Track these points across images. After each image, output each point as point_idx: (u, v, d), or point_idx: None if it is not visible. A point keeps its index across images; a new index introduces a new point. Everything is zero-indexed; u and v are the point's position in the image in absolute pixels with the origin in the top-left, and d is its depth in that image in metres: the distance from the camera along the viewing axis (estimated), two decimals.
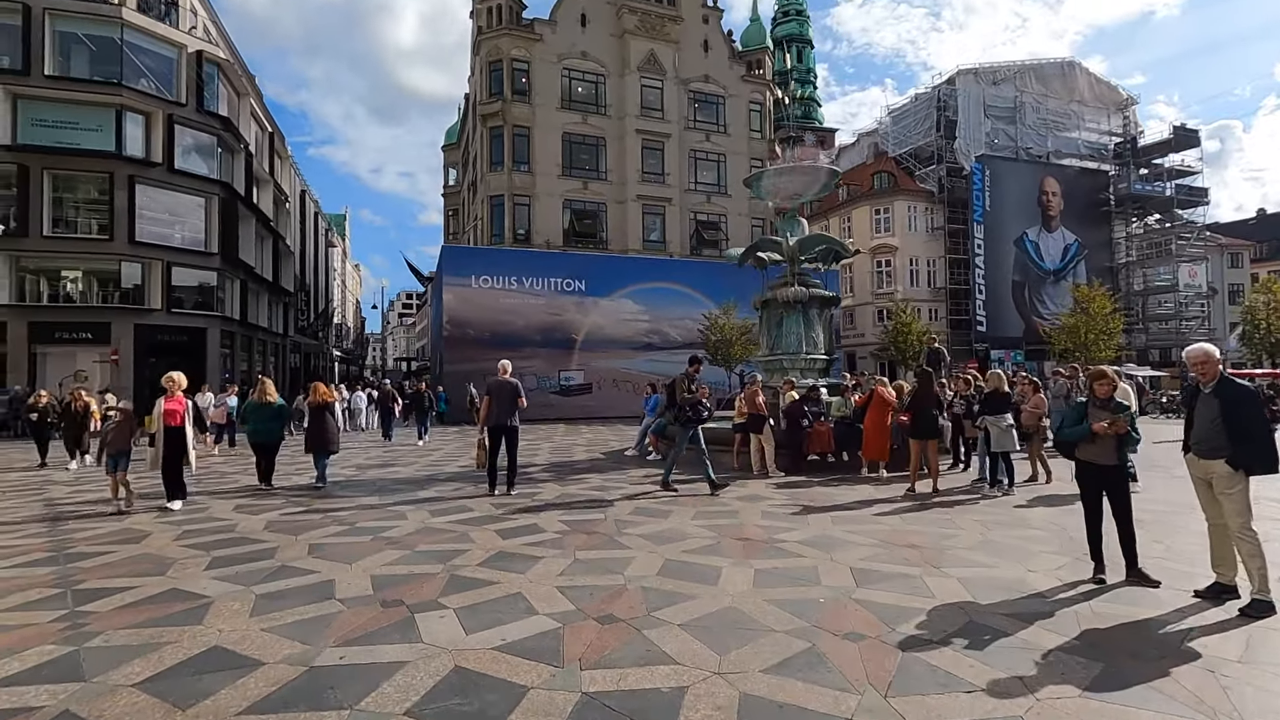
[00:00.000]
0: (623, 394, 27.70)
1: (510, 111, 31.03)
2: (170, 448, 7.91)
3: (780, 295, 13.58)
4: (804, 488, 9.31)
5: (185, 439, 8.02)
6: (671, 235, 33.72)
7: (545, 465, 12.19)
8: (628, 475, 10.71)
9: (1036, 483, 9.36)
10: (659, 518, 7.27)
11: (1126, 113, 47.78)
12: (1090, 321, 25.17)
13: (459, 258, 27.45)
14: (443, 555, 5.68)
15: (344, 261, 74.71)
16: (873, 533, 6.48)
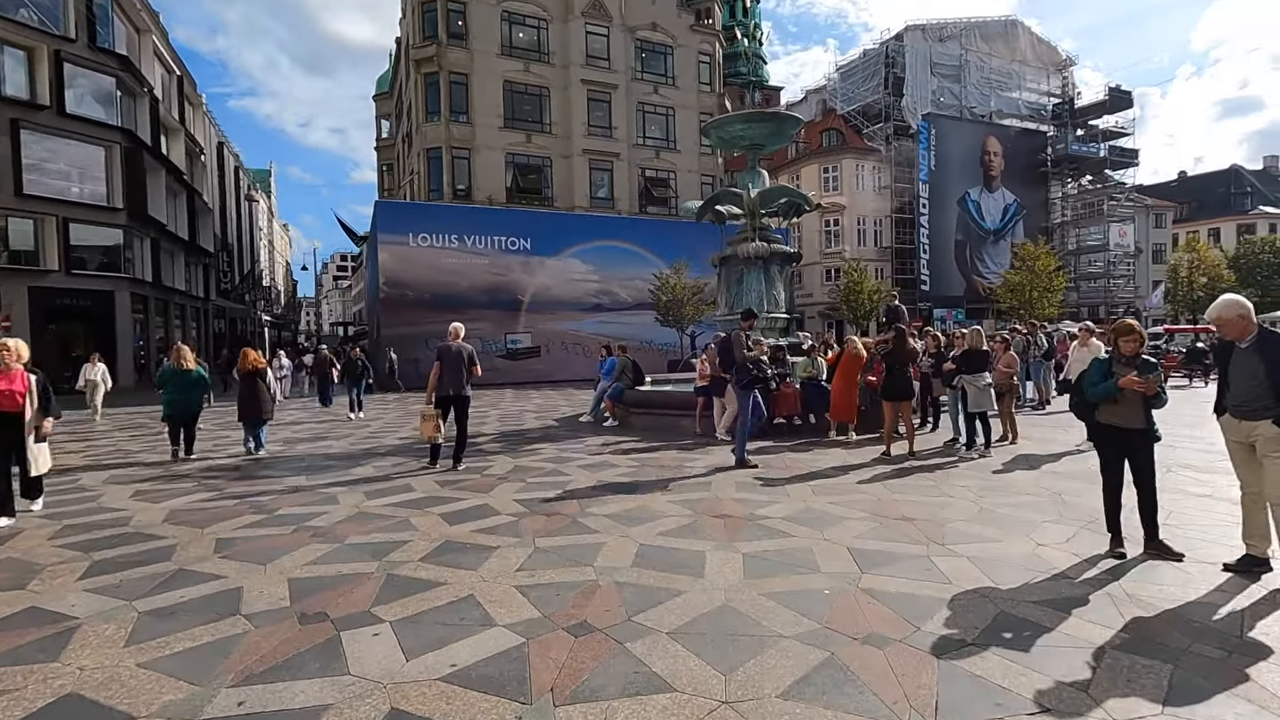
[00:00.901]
0: (572, 357, 26.87)
1: (446, 57, 29.00)
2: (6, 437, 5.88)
3: (740, 250, 12.91)
4: (774, 453, 8.77)
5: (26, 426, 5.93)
6: (620, 192, 32.56)
7: (495, 435, 11.34)
8: (585, 444, 9.98)
9: (1005, 442, 9.08)
10: (625, 493, 6.58)
11: (1065, 74, 48.52)
12: (1034, 279, 25.52)
13: (394, 214, 25.75)
14: (379, 549, 4.84)
15: (270, 221, 70.30)
16: (860, 504, 5.95)
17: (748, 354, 7.81)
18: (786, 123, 12.92)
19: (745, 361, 7.76)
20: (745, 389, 7.84)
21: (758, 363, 7.85)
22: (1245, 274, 40.11)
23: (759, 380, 7.81)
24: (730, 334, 8.00)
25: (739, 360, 7.77)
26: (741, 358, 7.78)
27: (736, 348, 7.83)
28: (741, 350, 7.80)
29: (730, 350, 7.92)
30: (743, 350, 7.80)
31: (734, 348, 7.86)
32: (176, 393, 9.51)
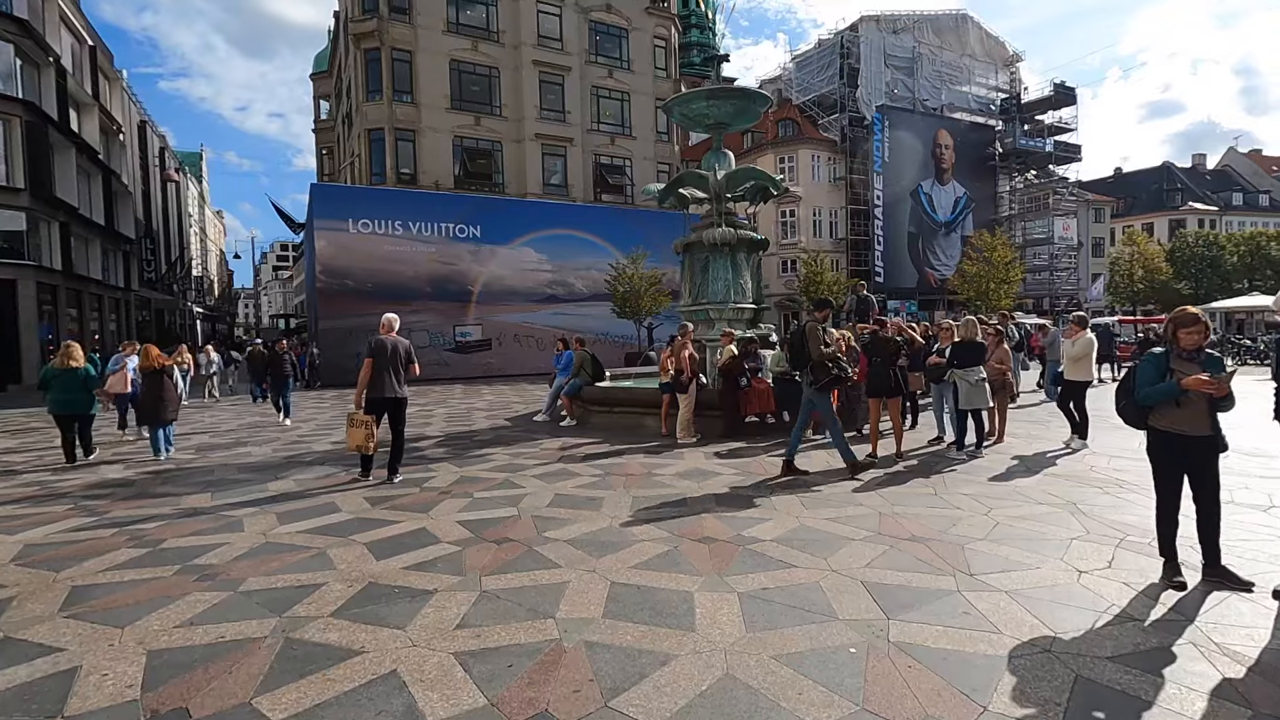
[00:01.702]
0: (526, 350, 25.76)
1: (388, 32, 27.32)
2: None
3: (706, 237, 12.08)
4: (749, 456, 8.00)
5: None
6: (574, 179, 31.43)
7: (440, 437, 10.27)
8: (540, 447, 9.03)
9: (990, 441, 8.50)
10: (588, 509, 5.69)
11: (1012, 69, 49.32)
12: (991, 270, 25.57)
13: (333, 199, 24.10)
14: (280, 599, 3.83)
15: (202, 207, 66.46)
16: (859, 520, 5.20)
17: (825, 350, 6.73)
18: (754, 100, 12.14)
19: (824, 359, 6.68)
20: (824, 390, 6.84)
21: (836, 360, 6.77)
22: (1180, 267, 41.43)
23: (841, 380, 6.79)
24: (804, 326, 6.90)
25: (816, 357, 6.63)
26: (819, 354, 6.65)
27: (813, 342, 6.65)
28: (819, 345, 6.68)
29: (803, 345, 6.75)
30: (820, 345, 6.72)
31: (809, 343, 6.67)
32: (62, 393, 8.41)
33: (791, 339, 6.99)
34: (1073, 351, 8.24)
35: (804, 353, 6.74)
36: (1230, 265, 41.71)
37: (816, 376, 6.68)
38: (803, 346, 6.75)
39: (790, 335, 7.07)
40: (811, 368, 6.68)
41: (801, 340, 6.77)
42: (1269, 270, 42.16)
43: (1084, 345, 8.29)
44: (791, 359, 7.07)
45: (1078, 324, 8.62)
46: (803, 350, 6.75)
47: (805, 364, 6.74)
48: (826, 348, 6.68)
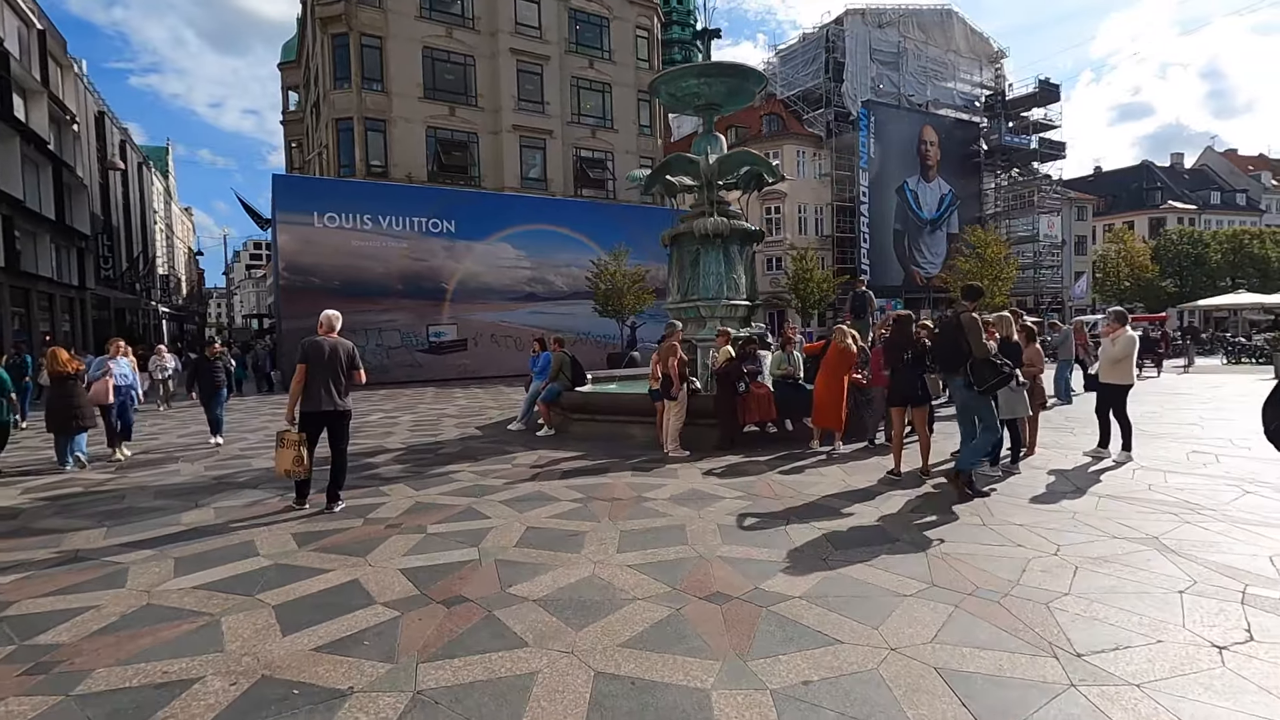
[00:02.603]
0: (503, 350, 24.59)
1: (357, 16, 25.96)
2: None
3: (697, 227, 11.05)
4: (751, 473, 6.97)
5: None
6: (554, 172, 30.26)
7: (400, 450, 9.12)
8: (512, 462, 7.93)
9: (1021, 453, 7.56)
10: (565, 547, 4.62)
11: (997, 66, 48.92)
12: (986, 267, 24.86)
13: (297, 191, 22.69)
14: (123, 713, 2.71)
15: (168, 203, 64.17)
16: (903, 564, 4.18)
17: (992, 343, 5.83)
18: (749, 78, 11.11)
19: (988, 356, 5.78)
20: (987, 393, 5.86)
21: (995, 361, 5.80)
22: (1165, 265, 41.25)
23: (1008, 380, 5.80)
24: (957, 317, 5.91)
25: (980, 354, 5.71)
26: (983, 350, 5.75)
27: (974, 337, 5.70)
28: (981, 340, 5.77)
29: (956, 341, 5.77)
30: (983, 341, 5.79)
31: (969, 337, 5.71)
32: None
33: (941, 334, 5.96)
34: (1113, 351, 7.31)
35: (959, 350, 5.74)
36: (1214, 263, 41.60)
37: (981, 376, 5.68)
38: (956, 342, 5.72)
39: (937, 329, 6.02)
40: (972, 367, 5.68)
41: (956, 334, 5.73)
42: (1251, 268, 42.15)
43: (1126, 344, 7.37)
44: (941, 357, 6.02)
45: (1117, 320, 7.69)
46: (957, 347, 5.74)
47: (960, 363, 5.75)
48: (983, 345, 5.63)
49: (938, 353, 6.01)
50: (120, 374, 9.05)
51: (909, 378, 6.41)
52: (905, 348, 6.39)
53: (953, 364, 5.82)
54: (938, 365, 6.02)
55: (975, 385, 5.69)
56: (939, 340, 5.93)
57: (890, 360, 6.49)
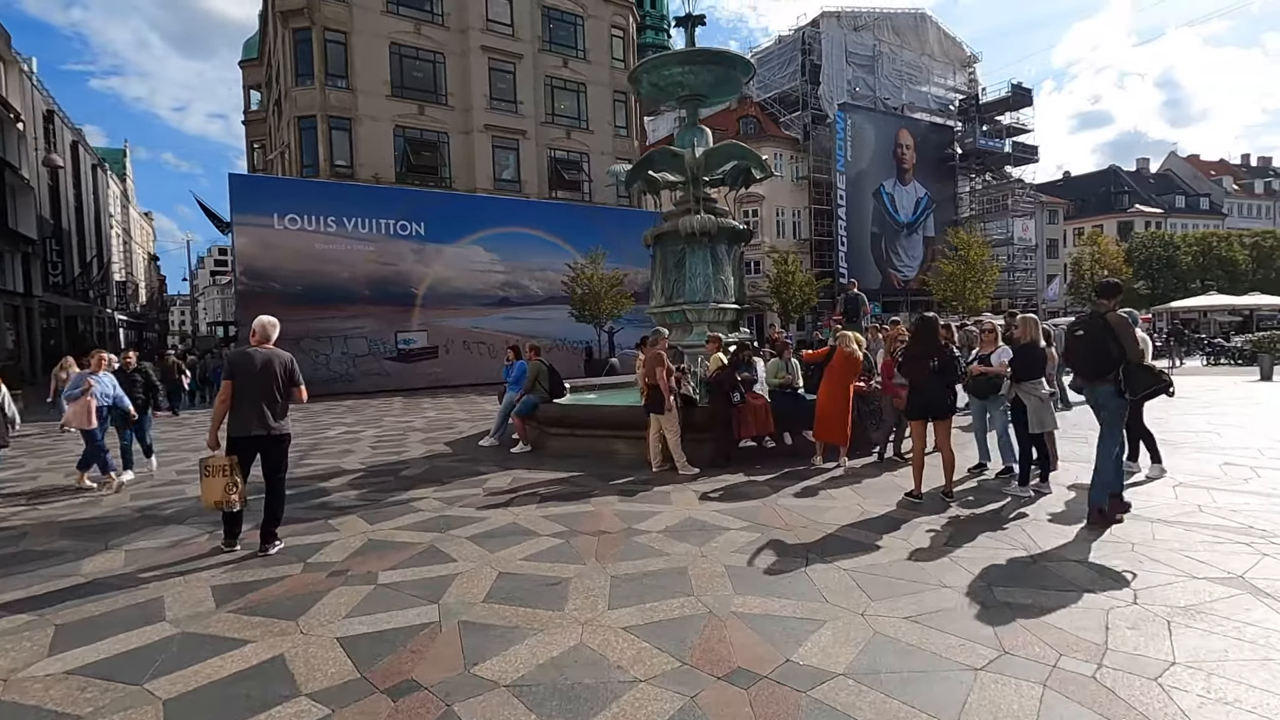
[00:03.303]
0: (476, 358, 23.60)
1: (320, 10, 24.85)
2: None
3: (683, 225, 10.29)
4: (755, 497, 6.20)
5: None
6: (527, 174, 29.36)
7: (358, 472, 8.19)
8: (484, 486, 7.07)
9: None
10: (545, 602, 3.81)
11: (970, 70, 49.19)
12: (969, 270, 24.53)
13: (255, 191, 21.50)
14: None
15: (126, 207, 61.84)
16: (959, 622, 3.44)
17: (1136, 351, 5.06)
18: (736, 66, 10.41)
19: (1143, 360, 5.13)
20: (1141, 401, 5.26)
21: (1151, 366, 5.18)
22: (1138, 267, 41.61)
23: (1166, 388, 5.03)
24: (1102, 317, 5.14)
25: (1134, 358, 4.99)
26: (1137, 353, 5.09)
27: (1126, 337, 4.97)
28: (1136, 342, 5.11)
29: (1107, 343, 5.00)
30: (1137, 343, 5.13)
31: (1121, 338, 4.96)
32: None
33: (1086, 334, 5.19)
34: None
35: (1106, 354, 4.99)
36: (1185, 265, 42.08)
37: (1137, 383, 4.95)
38: (1103, 345, 4.99)
39: (1079, 329, 5.28)
40: (1126, 372, 4.94)
41: (1105, 335, 4.99)
42: (1220, 270, 42.72)
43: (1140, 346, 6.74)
44: (1087, 362, 5.23)
45: None
46: (1104, 350, 5.00)
47: (1109, 368, 5.00)
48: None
49: (1082, 357, 5.26)
50: (102, 392, 7.53)
51: (935, 388, 5.70)
52: (932, 354, 5.68)
53: (1100, 370, 5.08)
54: (1080, 371, 5.28)
55: (1128, 393, 4.96)
56: (1082, 344, 5.20)
57: (913, 369, 5.77)
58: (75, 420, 7.32)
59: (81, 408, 7.35)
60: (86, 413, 7.35)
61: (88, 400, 7.38)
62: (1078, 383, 5.32)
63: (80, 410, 7.34)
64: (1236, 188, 70.92)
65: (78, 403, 7.36)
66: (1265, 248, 45.25)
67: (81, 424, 7.30)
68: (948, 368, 5.70)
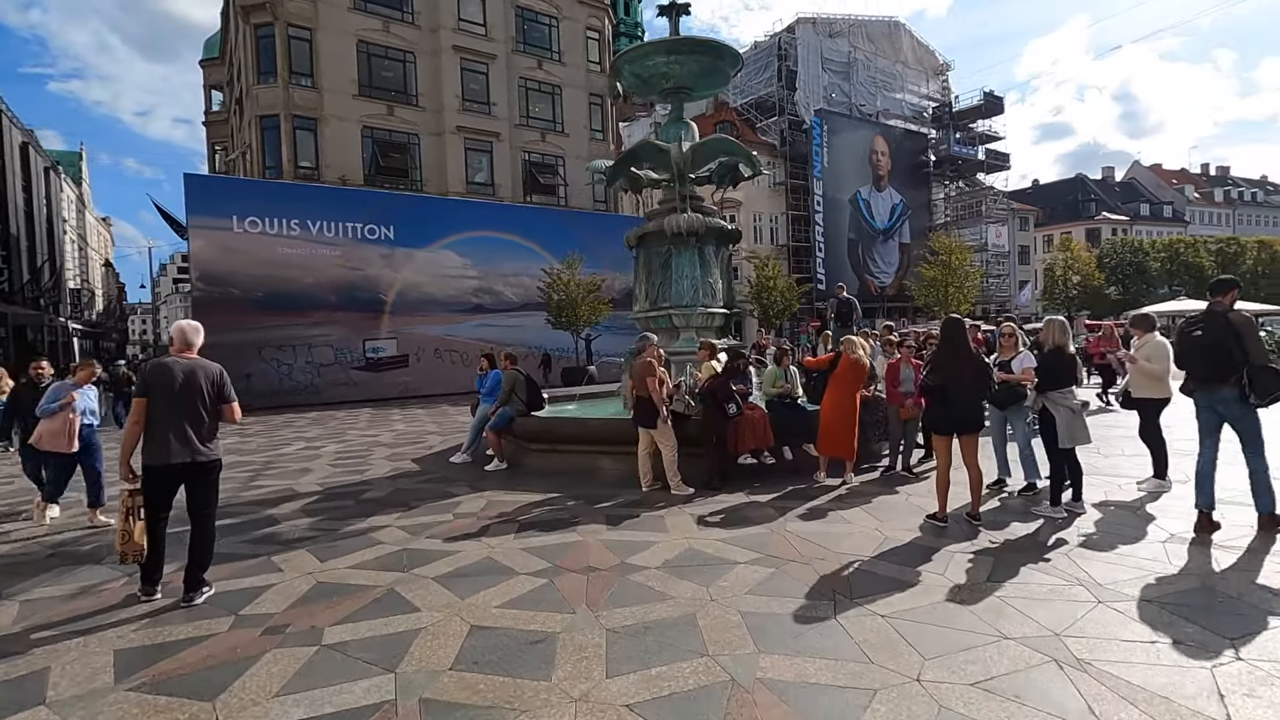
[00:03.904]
0: (448, 366, 22.71)
1: (284, 6, 23.84)
2: None
3: (669, 225, 9.67)
4: (759, 520, 5.55)
5: None
6: (501, 177, 28.56)
7: (312, 495, 7.37)
8: (454, 511, 6.32)
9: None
10: (528, 667, 3.10)
11: (943, 78, 49.56)
12: (950, 274, 24.30)
13: (213, 192, 20.39)
14: None
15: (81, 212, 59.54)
16: (1042, 693, 2.81)
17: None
18: (724, 56, 9.80)
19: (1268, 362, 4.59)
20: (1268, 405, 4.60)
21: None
22: (1109, 273, 42.12)
23: None
24: (1226, 315, 4.70)
25: (1259, 360, 4.53)
26: (1263, 355, 4.59)
27: (1251, 339, 4.57)
28: (1261, 343, 4.64)
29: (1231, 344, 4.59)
30: (1262, 344, 4.65)
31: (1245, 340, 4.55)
32: None
33: (1205, 334, 4.71)
34: (1144, 356, 6.20)
35: (1229, 356, 4.58)
36: (1154, 271, 42.70)
37: (1265, 387, 4.50)
38: (1228, 345, 4.56)
39: (1196, 328, 4.73)
40: (1251, 375, 4.50)
41: (1224, 337, 4.57)
42: (1187, 275, 43.43)
43: (1154, 352, 6.25)
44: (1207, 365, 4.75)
45: (1141, 325, 6.61)
46: (1225, 352, 4.59)
47: (1231, 371, 4.59)
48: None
49: (1200, 359, 4.79)
50: (88, 408, 6.40)
51: (966, 399, 5.10)
52: (967, 362, 5.08)
53: (1222, 373, 4.64)
54: (1196, 375, 4.77)
55: (1255, 397, 4.49)
56: (1199, 344, 4.72)
57: (944, 376, 5.15)
58: (50, 441, 6.11)
59: (60, 425, 6.09)
60: (67, 432, 6.12)
61: (69, 418, 6.14)
62: (1189, 386, 4.85)
63: (58, 429, 6.10)
64: (1198, 196, 72.72)
65: (55, 419, 6.09)
66: (1229, 253, 46.20)
67: (58, 445, 6.13)
68: (982, 376, 5.11)
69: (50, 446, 6.15)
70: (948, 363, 5.20)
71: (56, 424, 6.11)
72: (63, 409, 6.13)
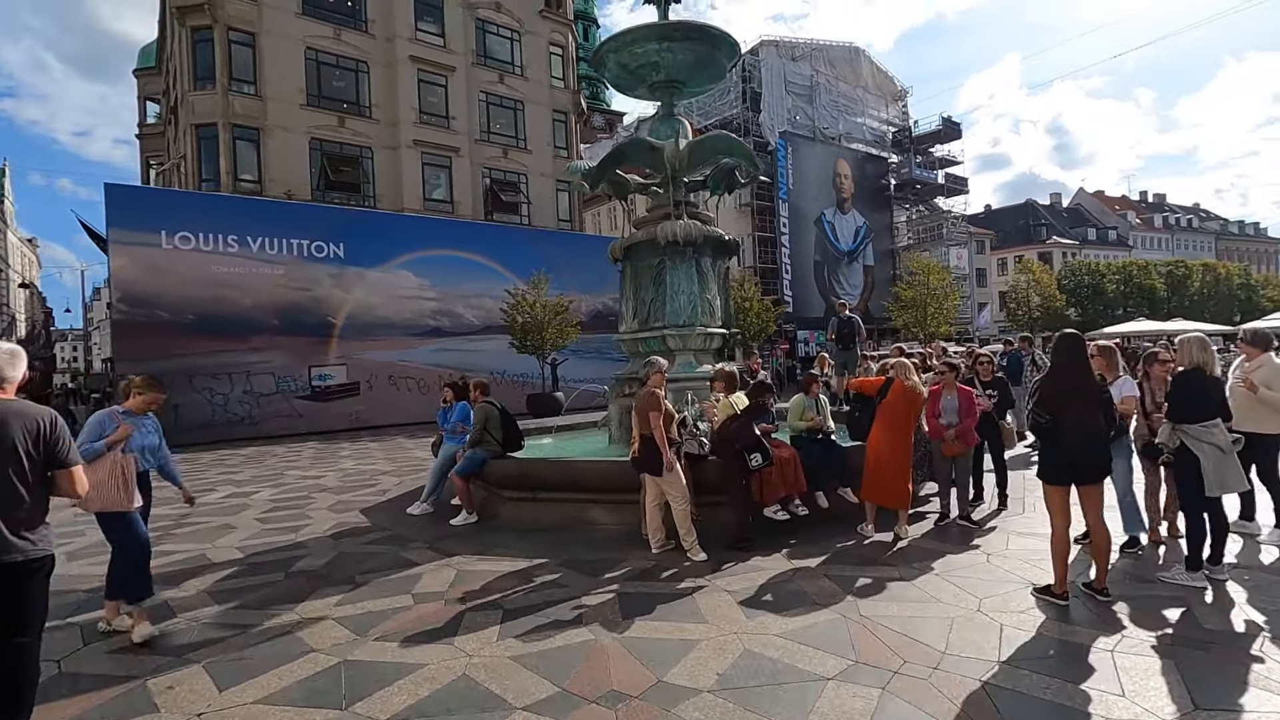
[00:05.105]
0: (403, 394, 20.96)
1: (224, 8, 22.14)
2: None
3: (662, 233, 8.44)
4: (818, 599, 4.25)
5: None
6: (461, 194, 27.09)
7: (226, 568, 5.77)
8: (413, 591, 4.84)
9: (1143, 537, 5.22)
10: None
11: (902, 103, 50.19)
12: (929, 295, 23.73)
13: (138, 203, 18.31)
14: None
15: (3, 232, 55.60)
16: None
17: None
18: (720, 46, 8.72)
19: None
20: None
21: None
22: (1068, 295, 42.68)
23: None
24: None
25: None
26: None
27: None
28: None
29: None
30: None
31: None
32: None
33: None
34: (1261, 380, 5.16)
35: None
36: (1111, 293, 43.47)
37: None
38: None
39: None
40: None
41: None
42: (1141, 298, 44.37)
43: (1270, 375, 5.24)
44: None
45: (1255, 343, 5.59)
46: None
47: None
48: None
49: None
50: (145, 445, 4.47)
51: (1089, 437, 3.92)
52: (1087, 391, 3.92)
53: None
54: None
55: None
56: None
57: (1057, 409, 3.95)
58: (104, 499, 3.92)
59: (111, 473, 3.96)
60: (121, 481, 3.98)
61: (118, 461, 4.02)
62: None
63: (112, 479, 3.95)
64: (1139, 221, 75.53)
65: (102, 464, 3.94)
66: (1178, 276, 47.48)
67: (114, 502, 3.97)
68: (1106, 407, 3.96)
69: (103, 506, 3.95)
70: (1063, 391, 4.02)
71: (103, 471, 3.93)
72: (111, 448, 4.03)
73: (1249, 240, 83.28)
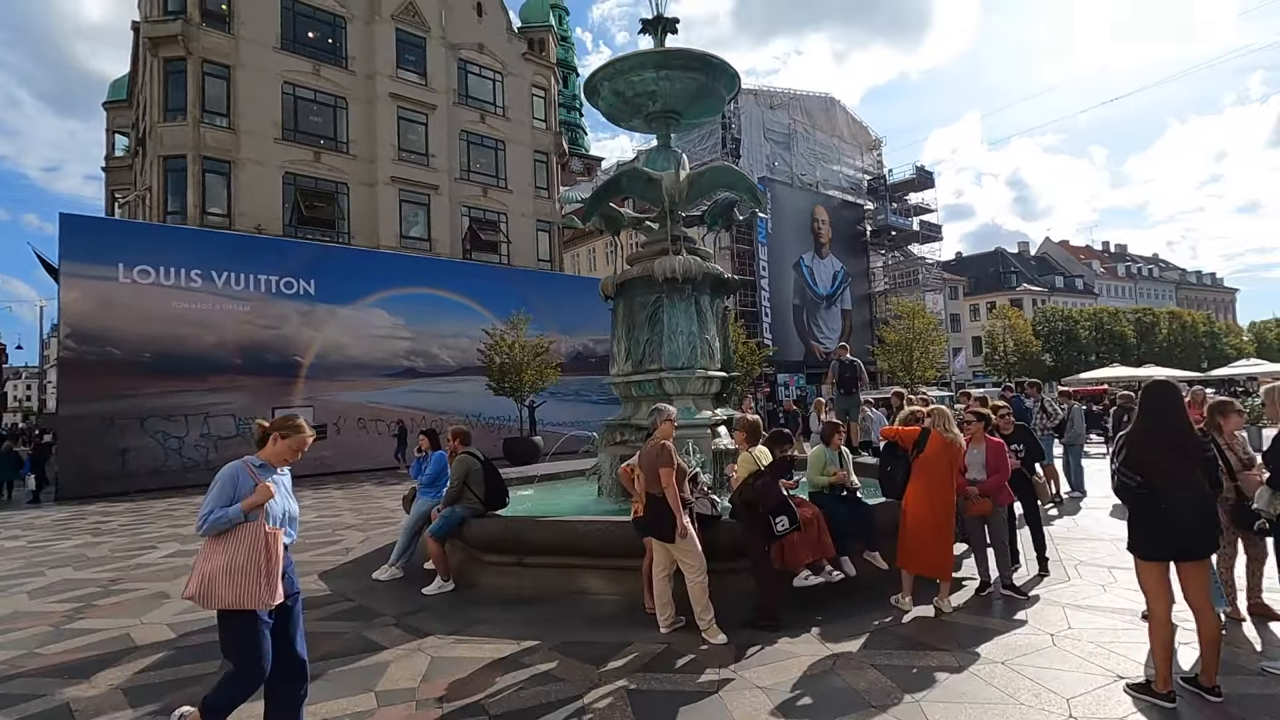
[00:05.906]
0: (373, 438, 19.98)
1: (199, 40, 21.61)
2: None
3: (659, 269, 7.86)
4: (875, 703, 3.52)
5: None
6: (439, 232, 26.48)
7: (152, 652, 4.85)
8: (378, 686, 4.00)
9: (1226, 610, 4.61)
10: None
11: (876, 152, 51.29)
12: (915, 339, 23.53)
13: (94, 234, 17.31)
14: None
15: None
16: None
17: None
18: (720, 77, 8.32)
19: None
20: None
21: None
22: (1043, 340, 43.21)
23: None
24: None
25: None
26: None
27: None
28: None
29: None
30: None
31: None
32: None
33: None
34: None
35: None
36: (1084, 339, 44.10)
37: None
38: None
39: None
40: None
41: None
42: (1113, 344, 45.09)
43: None
44: None
45: None
46: None
47: None
48: None
49: None
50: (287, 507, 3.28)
51: (1194, 506, 3.31)
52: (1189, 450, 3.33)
53: None
54: None
55: None
56: None
57: (1151, 470, 3.36)
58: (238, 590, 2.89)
59: (253, 554, 2.93)
60: (265, 565, 2.94)
61: (263, 536, 2.98)
62: None
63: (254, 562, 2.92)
64: (1103, 270, 77.66)
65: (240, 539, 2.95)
66: (1146, 323, 48.49)
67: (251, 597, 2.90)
68: (1212, 468, 3.36)
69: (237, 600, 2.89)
70: (1158, 450, 3.42)
71: (241, 551, 2.92)
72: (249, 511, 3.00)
73: (1207, 289, 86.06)
